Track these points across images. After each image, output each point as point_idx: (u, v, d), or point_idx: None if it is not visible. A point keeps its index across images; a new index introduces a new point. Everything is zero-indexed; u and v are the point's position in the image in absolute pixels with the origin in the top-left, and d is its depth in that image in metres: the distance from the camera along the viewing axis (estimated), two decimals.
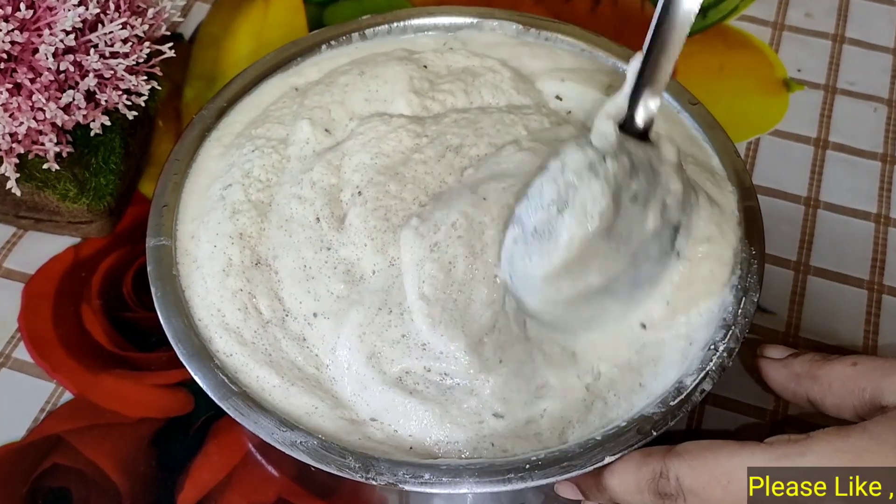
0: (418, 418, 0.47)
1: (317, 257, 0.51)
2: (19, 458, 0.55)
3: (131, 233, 0.63)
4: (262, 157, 0.54)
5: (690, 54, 0.72)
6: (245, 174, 0.54)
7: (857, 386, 0.45)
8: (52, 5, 0.57)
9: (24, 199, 0.60)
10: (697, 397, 0.47)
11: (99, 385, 0.57)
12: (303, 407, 0.47)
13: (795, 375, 0.48)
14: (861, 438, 0.41)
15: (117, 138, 0.62)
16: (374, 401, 0.47)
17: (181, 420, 0.56)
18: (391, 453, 0.46)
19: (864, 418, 0.44)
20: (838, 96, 0.71)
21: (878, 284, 0.61)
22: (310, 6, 0.76)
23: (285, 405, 0.47)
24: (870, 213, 0.65)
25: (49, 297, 0.61)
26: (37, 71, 0.57)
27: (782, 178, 0.66)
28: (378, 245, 0.50)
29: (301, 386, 0.48)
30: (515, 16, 0.62)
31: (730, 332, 0.48)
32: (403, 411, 0.47)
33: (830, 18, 0.75)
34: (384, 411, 0.47)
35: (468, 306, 0.48)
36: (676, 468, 0.43)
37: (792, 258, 0.63)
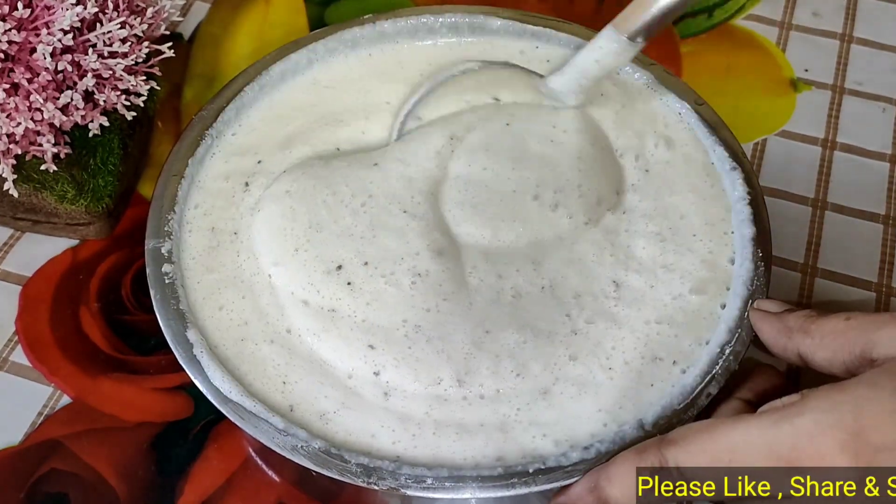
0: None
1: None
2: (17, 463, 0.54)
3: (130, 235, 0.63)
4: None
5: (696, 54, 0.72)
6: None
7: (848, 340, 0.44)
8: (49, 4, 0.56)
9: (22, 200, 0.60)
10: (703, 401, 0.46)
11: (97, 389, 0.57)
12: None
13: (788, 329, 0.47)
14: (858, 387, 0.40)
15: (116, 139, 0.61)
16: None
17: (180, 424, 0.56)
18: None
19: (853, 373, 0.43)
20: (846, 96, 0.70)
21: (887, 287, 0.61)
22: (311, 5, 0.76)
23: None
24: (878, 214, 0.64)
25: (47, 299, 0.60)
26: (34, 71, 0.56)
27: (789, 180, 0.66)
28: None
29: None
30: (519, 15, 0.61)
31: (736, 336, 0.48)
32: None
33: (838, 18, 0.75)
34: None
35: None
36: (674, 456, 0.42)
37: (799, 260, 0.62)
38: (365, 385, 0.48)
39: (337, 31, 0.61)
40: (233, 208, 0.54)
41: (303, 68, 0.60)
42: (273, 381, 0.48)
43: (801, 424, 0.40)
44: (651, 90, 0.58)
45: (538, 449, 0.46)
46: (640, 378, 0.48)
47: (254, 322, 0.50)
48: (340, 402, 0.48)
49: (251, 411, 0.46)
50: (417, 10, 0.62)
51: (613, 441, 0.45)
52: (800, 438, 0.40)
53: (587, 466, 0.44)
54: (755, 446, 0.41)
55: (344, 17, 0.70)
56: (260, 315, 0.50)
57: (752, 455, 0.41)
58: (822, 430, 0.40)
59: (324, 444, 0.45)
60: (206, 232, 0.53)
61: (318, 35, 0.61)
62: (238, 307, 0.51)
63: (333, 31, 0.61)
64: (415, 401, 0.47)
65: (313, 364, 0.49)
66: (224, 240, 0.53)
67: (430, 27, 0.61)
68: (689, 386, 0.47)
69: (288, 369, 0.49)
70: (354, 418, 0.47)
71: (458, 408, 0.47)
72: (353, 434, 0.47)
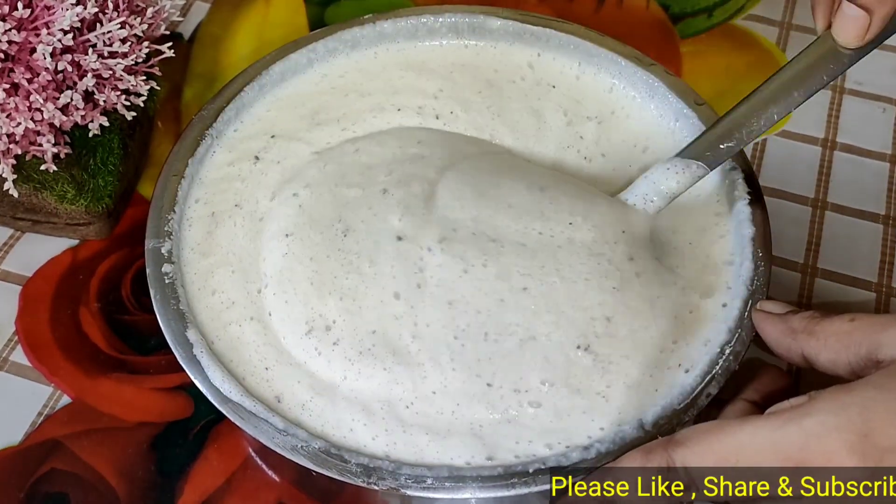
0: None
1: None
2: (16, 463, 0.54)
3: (130, 235, 0.63)
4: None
5: (696, 54, 0.72)
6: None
7: (853, 341, 0.44)
8: (49, 4, 0.56)
9: (22, 200, 0.60)
10: (703, 401, 0.46)
11: (97, 389, 0.57)
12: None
13: (792, 331, 0.46)
14: (866, 390, 0.40)
15: (116, 139, 0.61)
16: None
17: (180, 424, 0.56)
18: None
19: (858, 374, 0.43)
20: (846, 97, 0.70)
21: (887, 287, 0.61)
22: (311, 5, 0.76)
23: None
24: (878, 214, 0.64)
25: (47, 299, 0.60)
26: (34, 71, 0.56)
27: (789, 180, 0.66)
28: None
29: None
30: (519, 15, 0.61)
31: (736, 336, 0.48)
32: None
33: None
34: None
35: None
36: (682, 457, 0.42)
37: (799, 260, 0.62)
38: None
39: (337, 31, 0.61)
40: (237, 182, 0.55)
41: (303, 68, 0.60)
42: (258, 370, 0.49)
43: (809, 426, 0.40)
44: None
45: (538, 449, 0.46)
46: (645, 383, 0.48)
47: (240, 299, 0.51)
48: (309, 385, 0.48)
49: (251, 411, 0.46)
50: (417, 10, 0.62)
51: (613, 441, 0.45)
52: (808, 440, 0.40)
53: (587, 466, 0.44)
54: (763, 447, 0.40)
55: (344, 17, 0.70)
56: (243, 285, 0.51)
57: (759, 456, 0.40)
58: (829, 431, 0.40)
59: (324, 444, 0.45)
60: (206, 219, 0.54)
61: (318, 35, 0.61)
62: (228, 285, 0.51)
63: (333, 31, 0.61)
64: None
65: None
66: (223, 218, 0.54)
67: (430, 27, 0.61)
68: (689, 386, 0.47)
69: (266, 351, 0.49)
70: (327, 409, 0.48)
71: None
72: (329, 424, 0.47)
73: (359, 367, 0.48)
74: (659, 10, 0.74)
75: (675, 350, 0.49)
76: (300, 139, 0.57)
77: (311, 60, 0.60)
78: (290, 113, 0.58)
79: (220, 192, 0.55)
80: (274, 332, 0.50)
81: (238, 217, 0.54)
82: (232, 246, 0.53)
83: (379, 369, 0.48)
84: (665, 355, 0.48)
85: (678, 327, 0.49)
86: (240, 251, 0.53)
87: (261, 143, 0.57)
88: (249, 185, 0.55)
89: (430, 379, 0.47)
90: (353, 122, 0.58)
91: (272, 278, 0.51)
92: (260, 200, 0.54)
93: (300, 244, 0.51)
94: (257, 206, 0.54)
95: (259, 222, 0.53)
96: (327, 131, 0.57)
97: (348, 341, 0.48)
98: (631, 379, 0.48)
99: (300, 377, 0.48)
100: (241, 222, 0.54)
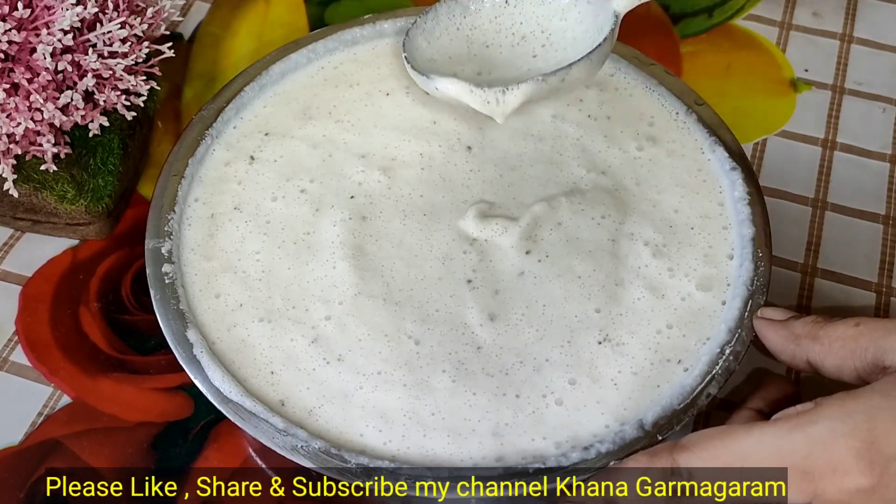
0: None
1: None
2: (16, 463, 0.54)
3: (130, 235, 0.63)
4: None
5: (696, 54, 0.72)
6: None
7: (859, 346, 0.44)
8: (49, 4, 0.56)
9: (22, 200, 0.60)
10: (703, 401, 0.46)
11: (97, 389, 0.57)
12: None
13: (795, 336, 0.46)
14: (872, 397, 0.40)
15: (116, 139, 0.61)
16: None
17: (180, 424, 0.56)
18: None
19: (864, 380, 0.43)
20: (846, 97, 0.70)
21: (887, 287, 0.61)
22: (311, 5, 0.76)
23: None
24: (878, 214, 0.64)
25: (47, 299, 0.60)
26: (34, 71, 0.56)
27: (789, 180, 0.66)
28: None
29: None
30: None
31: (736, 336, 0.48)
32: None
33: (838, 18, 0.75)
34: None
35: None
36: (686, 461, 0.42)
37: (799, 260, 0.62)
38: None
39: (337, 31, 0.61)
40: (234, 184, 0.55)
41: (303, 68, 0.60)
42: (263, 374, 0.48)
43: (815, 432, 0.40)
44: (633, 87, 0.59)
45: (538, 449, 0.46)
46: (648, 381, 0.48)
47: (247, 303, 0.51)
48: (321, 393, 0.48)
49: (251, 411, 0.46)
50: (417, 10, 0.62)
51: (613, 441, 0.45)
52: (814, 446, 0.40)
53: (587, 466, 0.44)
54: (768, 453, 0.40)
55: (344, 17, 0.70)
56: (252, 291, 0.51)
57: (764, 462, 0.40)
58: (835, 438, 0.40)
59: (324, 445, 0.45)
60: (206, 220, 0.54)
61: (318, 35, 0.61)
62: (234, 290, 0.51)
63: (333, 31, 0.61)
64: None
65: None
66: (223, 221, 0.54)
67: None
68: (689, 386, 0.47)
69: (272, 354, 0.49)
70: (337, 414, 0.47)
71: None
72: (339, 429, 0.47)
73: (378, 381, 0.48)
74: (659, 10, 0.74)
75: (671, 338, 0.49)
76: (293, 136, 0.57)
77: (311, 60, 0.60)
78: (283, 109, 0.58)
79: (219, 192, 0.55)
80: (347, 366, 0.49)
81: (240, 221, 0.54)
82: (238, 253, 0.52)
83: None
84: (661, 338, 0.49)
85: (671, 314, 0.50)
86: (244, 262, 0.52)
87: (255, 142, 0.57)
88: (247, 188, 0.55)
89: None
90: (345, 112, 0.58)
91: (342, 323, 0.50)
92: (260, 203, 0.54)
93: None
94: (258, 210, 0.54)
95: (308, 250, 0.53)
96: (321, 125, 0.58)
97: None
98: (636, 364, 0.48)
99: (309, 384, 0.48)
100: (245, 227, 0.54)
